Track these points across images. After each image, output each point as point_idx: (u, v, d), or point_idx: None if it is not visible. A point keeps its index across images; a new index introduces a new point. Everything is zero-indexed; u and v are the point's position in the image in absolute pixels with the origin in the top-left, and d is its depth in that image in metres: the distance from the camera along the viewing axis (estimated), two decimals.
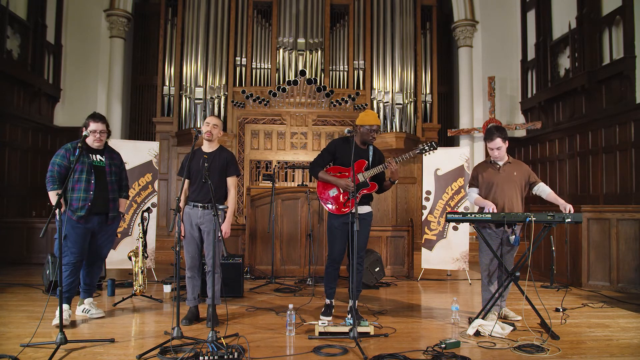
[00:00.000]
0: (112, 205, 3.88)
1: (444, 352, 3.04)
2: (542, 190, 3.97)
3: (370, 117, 3.84)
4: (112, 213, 3.88)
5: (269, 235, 5.93)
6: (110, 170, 3.89)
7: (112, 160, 3.94)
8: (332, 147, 3.92)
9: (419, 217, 7.61)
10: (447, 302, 4.61)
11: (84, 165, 3.74)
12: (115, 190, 3.92)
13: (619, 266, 5.28)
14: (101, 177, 3.81)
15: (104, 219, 3.85)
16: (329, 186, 3.87)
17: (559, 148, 8.52)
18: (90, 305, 3.91)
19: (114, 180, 3.92)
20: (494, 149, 3.95)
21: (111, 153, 3.98)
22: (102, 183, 3.80)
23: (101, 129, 3.82)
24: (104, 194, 3.81)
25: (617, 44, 7.01)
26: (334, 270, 3.94)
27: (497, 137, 3.91)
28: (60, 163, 3.71)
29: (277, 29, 9.08)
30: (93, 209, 3.73)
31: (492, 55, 9.60)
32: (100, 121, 3.82)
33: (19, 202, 7.98)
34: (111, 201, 3.87)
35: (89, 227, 3.76)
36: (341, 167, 3.87)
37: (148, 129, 10.18)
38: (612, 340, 3.42)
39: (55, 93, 8.88)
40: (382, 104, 9.02)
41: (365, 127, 3.83)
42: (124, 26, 9.45)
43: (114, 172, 3.93)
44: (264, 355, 3.00)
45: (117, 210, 3.94)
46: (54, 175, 3.68)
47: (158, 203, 6.40)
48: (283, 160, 8.97)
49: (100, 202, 3.77)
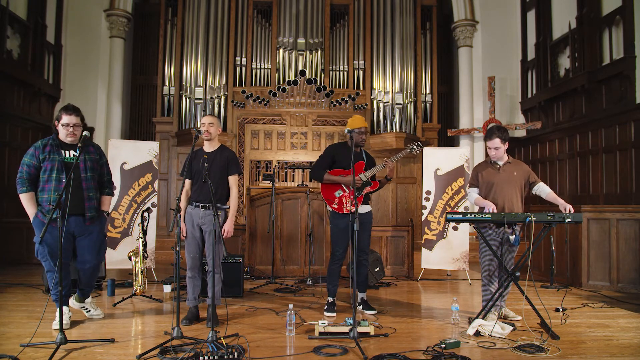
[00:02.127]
0: (89, 204, 3.54)
1: (444, 352, 3.04)
2: (542, 190, 3.97)
3: (357, 120, 4.13)
4: (90, 213, 3.54)
5: (269, 235, 5.93)
6: (85, 166, 3.54)
7: (88, 155, 3.59)
8: (331, 152, 4.18)
9: (419, 217, 7.61)
10: (447, 302, 4.61)
11: (54, 163, 3.45)
12: (91, 188, 3.58)
13: (619, 266, 5.28)
14: (74, 175, 3.40)
15: (81, 220, 3.53)
16: (335, 187, 4.09)
17: (559, 148, 8.52)
18: (90, 305, 3.85)
19: (89, 177, 3.57)
20: (492, 149, 3.96)
21: (87, 147, 3.61)
22: (75, 181, 3.44)
23: (74, 122, 3.51)
24: (78, 193, 3.48)
25: (617, 44, 7.01)
26: (337, 268, 4.14)
27: (497, 137, 3.92)
28: (29, 163, 3.47)
29: (277, 29, 9.08)
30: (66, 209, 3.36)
31: (492, 55, 9.60)
32: (73, 113, 3.52)
33: (19, 202, 7.93)
34: (87, 200, 3.53)
35: (68, 229, 3.46)
36: (342, 170, 4.09)
37: (148, 129, 10.18)
38: (612, 340, 3.42)
39: (55, 93, 8.88)
40: (382, 104, 9.02)
41: (355, 131, 4.06)
42: (124, 26, 9.45)
43: (89, 168, 3.58)
44: (264, 355, 3.00)
45: (95, 210, 3.60)
46: (22, 177, 3.47)
47: (158, 203, 6.40)
48: (283, 160, 8.97)
49: (73, 202, 3.36)
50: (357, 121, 4.12)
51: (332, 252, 4.14)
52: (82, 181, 3.54)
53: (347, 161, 3.96)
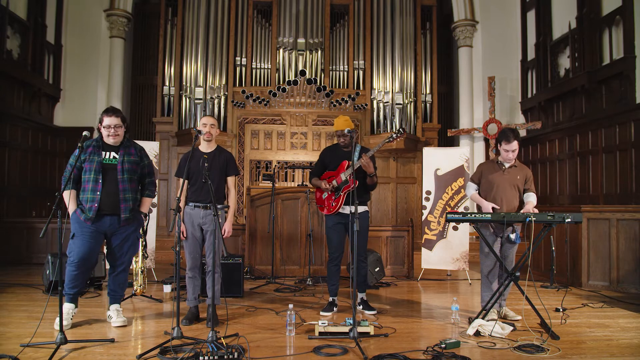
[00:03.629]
0: (124, 205, 3.62)
1: (444, 352, 3.04)
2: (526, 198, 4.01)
3: (336, 123, 4.14)
4: (125, 214, 3.63)
5: (269, 235, 5.93)
6: (122, 168, 3.63)
7: (127, 157, 3.67)
8: (322, 156, 4.33)
9: (419, 217, 7.60)
10: (447, 302, 4.61)
11: (93, 164, 3.56)
12: (128, 190, 3.64)
13: (619, 266, 5.28)
14: (111, 176, 3.59)
15: (115, 220, 3.63)
16: (322, 191, 4.24)
17: (559, 148, 8.52)
18: (113, 312, 3.74)
19: (126, 178, 3.64)
20: (510, 151, 3.94)
21: (128, 149, 3.72)
22: (112, 182, 3.59)
23: (116, 124, 3.60)
24: (114, 194, 3.59)
25: (617, 44, 7.01)
26: (333, 267, 4.16)
27: (514, 139, 3.91)
28: (72, 163, 3.58)
29: (277, 29, 9.08)
30: (102, 209, 3.55)
31: (492, 55, 9.60)
32: (114, 115, 3.62)
33: (19, 202, 7.98)
34: (123, 201, 3.61)
35: (100, 229, 3.60)
36: (330, 172, 4.22)
37: (148, 129, 10.18)
38: (612, 340, 3.42)
39: (55, 93, 8.88)
40: (382, 104, 9.02)
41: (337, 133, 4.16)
42: (124, 26, 9.45)
43: (127, 170, 3.65)
44: (264, 355, 3.00)
45: (130, 211, 3.66)
46: (66, 176, 3.57)
47: (158, 203, 6.39)
48: (283, 160, 8.97)
49: (109, 203, 3.56)
50: (336, 123, 4.13)
51: (328, 251, 4.28)
52: (119, 183, 3.62)
53: (335, 162, 4.17)
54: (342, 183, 4.08)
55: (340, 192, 4.06)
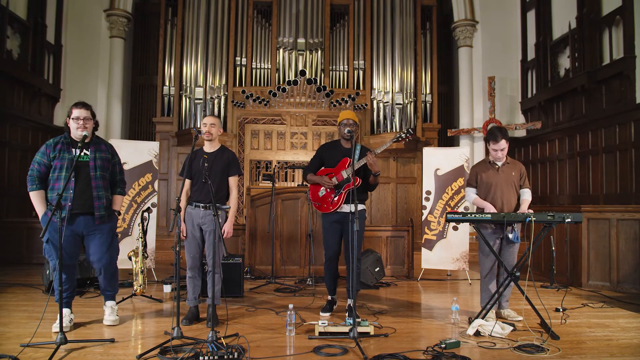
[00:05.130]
0: (98, 203, 3.50)
1: (444, 352, 3.04)
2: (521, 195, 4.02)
3: (343, 114, 4.07)
4: (99, 212, 3.50)
5: (269, 235, 5.92)
6: (94, 165, 3.51)
7: (98, 154, 3.56)
8: (320, 152, 4.17)
9: (419, 217, 7.60)
10: (447, 302, 4.61)
11: (64, 162, 3.44)
12: (101, 187, 3.53)
13: (619, 266, 5.28)
14: (83, 174, 3.46)
15: (90, 219, 3.51)
16: (318, 187, 4.07)
17: (558, 148, 8.52)
18: (107, 309, 3.72)
19: (99, 175, 3.52)
20: (498, 150, 3.95)
21: (98, 145, 3.60)
22: (84, 180, 3.46)
23: (85, 116, 3.49)
24: (87, 192, 3.46)
25: (617, 44, 7.01)
26: (329, 267, 4.11)
27: (502, 138, 3.92)
28: (40, 161, 3.45)
29: (277, 29, 9.08)
30: (75, 208, 3.40)
31: (492, 55, 9.60)
32: (83, 107, 3.51)
33: (19, 202, 7.98)
34: (96, 199, 3.49)
35: (75, 230, 3.48)
36: (328, 169, 4.07)
37: (148, 129, 10.18)
38: (612, 340, 3.42)
39: (55, 93, 8.88)
40: (382, 104, 9.02)
41: (341, 124, 4.04)
42: (124, 26, 9.45)
43: (99, 167, 3.54)
44: (264, 355, 3.00)
45: (105, 209, 3.55)
46: (33, 175, 3.45)
47: (158, 203, 6.40)
48: (283, 160, 8.97)
49: (81, 200, 3.43)
50: (342, 114, 4.05)
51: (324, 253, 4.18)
52: (92, 180, 3.51)
53: (334, 159, 4.02)
54: (344, 181, 3.94)
55: (342, 190, 3.93)
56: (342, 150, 4.05)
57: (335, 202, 3.95)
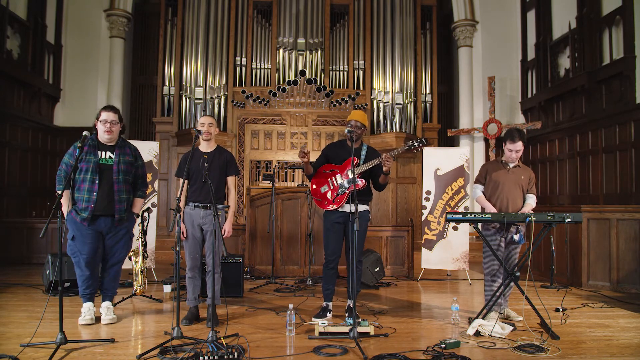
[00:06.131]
0: (119, 206, 3.66)
1: (444, 352, 3.04)
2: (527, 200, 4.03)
3: (352, 115, 4.04)
4: (119, 215, 3.66)
5: (269, 235, 5.92)
6: (118, 169, 3.66)
7: (122, 157, 3.70)
8: (325, 150, 4.14)
9: (419, 217, 7.60)
10: (447, 302, 4.61)
11: (89, 164, 3.57)
12: (123, 191, 3.68)
13: (619, 266, 5.28)
14: (107, 177, 3.62)
15: (110, 221, 3.66)
16: (321, 183, 3.99)
17: (559, 148, 8.52)
18: (104, 309, 3.76)
19: (121, 179, 3.67)
20: (513, 151, 3.97)
21: (123, 149, 3.75)
22: (107, 183, 3.61)
23: (112, 119, 3.64)
24: (109, 195, 3.62)
25: (617, 44, 7.01)
26: (329, 271, 3.95)
27: (519, 140, 3.94)
28: (67, 162, 3.62)
29: (277, 29, 9.08)
30: (97, 210, 3.57)
31: (492, 55, 9.60)
32: (111, 111, 3.68)
33: (19, 202, 7.98)
34: (117, 202, 3.65)
35: (97, 229, 3.63)
36: (332, 165, 4.02)
37: (148, 129, 10.18)
38: (612, 340, 3.42)
39: (55, 93, 8.88)
40: (382, 104, 9.02)
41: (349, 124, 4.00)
42: (124, 26, 9.45)
43: (122, 171, 3.68)
44: (264, 355, 3.00)
45: (124, 212, 3.70)
46: (61, 175, 3.61)
47: (158, 203, 6.39)
48: (283, 160, 8.97)
49: (104, 203, 3.59)
50: (351, 115, 4.02)
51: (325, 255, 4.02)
52: (114, 183, 3.65)
53: (340, 158, 3.99)
54: (351, 180, 3.87)
55: (346, 190, 3.87)
56: (349, 149, 3.96)
57: (338, 201, 3.89)
